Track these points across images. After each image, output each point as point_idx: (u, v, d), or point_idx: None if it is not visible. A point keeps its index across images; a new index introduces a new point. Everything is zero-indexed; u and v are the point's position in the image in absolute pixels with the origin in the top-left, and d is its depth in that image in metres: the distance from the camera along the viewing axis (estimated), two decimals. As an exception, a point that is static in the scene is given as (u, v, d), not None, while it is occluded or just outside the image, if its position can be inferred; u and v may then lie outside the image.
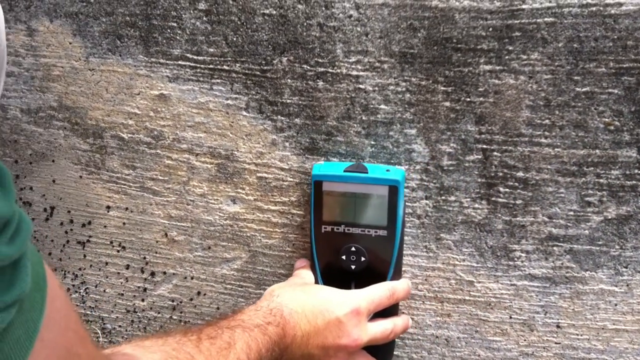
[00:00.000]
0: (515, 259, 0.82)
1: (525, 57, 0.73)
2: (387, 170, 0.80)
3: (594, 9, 0.71)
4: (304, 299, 0.76)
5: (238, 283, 0.92)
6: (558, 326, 0.83)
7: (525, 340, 0.85)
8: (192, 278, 0.94)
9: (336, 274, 0.82)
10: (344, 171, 0.79)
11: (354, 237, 0.81)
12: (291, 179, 0.85)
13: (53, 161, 0.92)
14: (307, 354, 0.75)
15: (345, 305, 0.76)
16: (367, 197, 0.79)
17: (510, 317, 0.84)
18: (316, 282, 0.84)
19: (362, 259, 0.81)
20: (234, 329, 0.69)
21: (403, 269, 0.84)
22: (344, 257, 0.82)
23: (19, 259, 0.38)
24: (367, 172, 0.79)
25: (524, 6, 0.71)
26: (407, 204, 0.83)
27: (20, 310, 0.37)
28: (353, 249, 0.81)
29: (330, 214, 0.81)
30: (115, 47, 0.85)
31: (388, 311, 0.81)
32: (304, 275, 0.85)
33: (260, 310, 0.73)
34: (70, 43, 0.86)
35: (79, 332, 0.44)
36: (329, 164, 0.83)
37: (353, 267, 0.81)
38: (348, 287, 0.81)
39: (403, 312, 0.87)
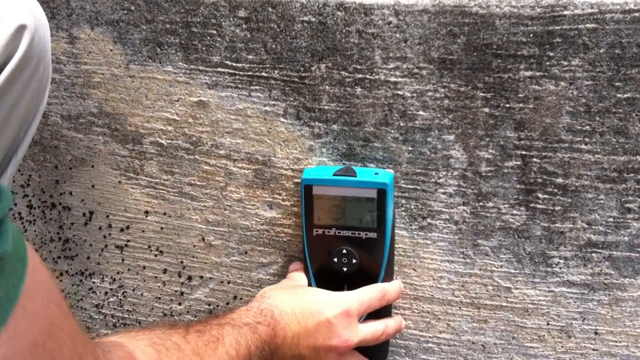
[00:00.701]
0: (554, 265, 0.82)
1: (566, 63, 0.73)
2: (376, 174, 0.81)
3: (637, 14, 0.70)
4: (295, 301, 0.78)
5: (274, 288, 0.93)
6: (596, 333, 0.83)
7: (562, 346, 0.84)
8: (228, 282, 0.94)
9: (328, 276, 0.84)
10: (333, 175, 0.81)
11: (345, 240, 0.82)
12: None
13: (92, 166, 0.93)
14: (298, 354, 0.77)
15: (335, 306, 0.77)
16: (356, 200, 0.81)
17: (548, 324, 0.84)
18: (309, 284, 0.85)
19: (354, 261, 0.83)
20: (223, 326, 0.70)
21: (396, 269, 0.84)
22: (335, 260, 0.83)
23: (0, 222, 0.39)
24: (355, 176, 0.80)
25: (565, 12, 0.71)
26: (443, 209, 0.83)
27: (1, 272, 0.38)
28: (344, 251, 0.82)
29: (320, 217, 0.83)
30: (155, 55, 0.86)
31: (380, 312, 0.82)
32: (297, 277, 0.86)
33: (250, 310, 0.75)
34: (110, 50, 0.87)
35: (62, 307, 0.45)
36: (319, 168, 0.84)
37: (345, 269, 0.83)
38: (340, 289, 0.82)
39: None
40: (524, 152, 0.78)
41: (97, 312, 1.01)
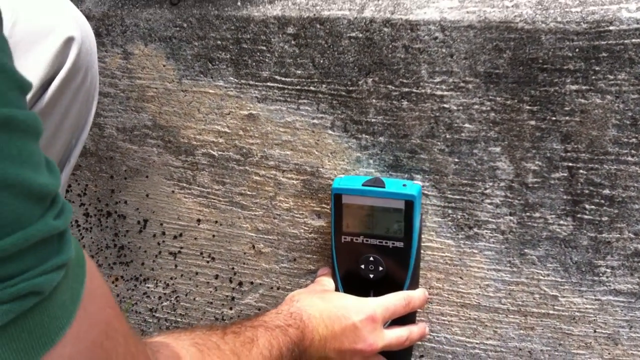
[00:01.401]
0: (600, 274, 0.82)
1: (612, 77, 0.73)
2: (404, 185, 0.82)
3: (684, 29, 0.70)
4: (322, 305, 0.80)
5: (322, 293, 0.95)
6: (643, 341, 0.84)
7: (609, 353, 0.85)
8: (277, 288, 0.97)
9: (355, 282, 0.86)
10: (362, 185, 0.83)
11: (373, 248, 0.85)
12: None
13: (147, 177, 0.97)
14: (325, 357, 0.79)
15: (361, 311, 0.80)
16: (384, 210, 0.83)
17: (595, 331, 0.85)
18: (336, 289, 0.88)
19: (380, 268, 0.85)
20: (257, 328, 0.73)
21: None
22: (362, 266, 0.85)
23: (64, 233, 0.42)
24: (384, 187, 0.82)
25: (611, 27, 0.71)
26: (490, 219, 0.84)
27: (65, 277, 0.41)
28: (371, 258, 0.85)
29: (349, 225, 0.85)
30: (207, 70, 0.88)
31: (405, 319, 0.84)
32: (325, 282, 0.88)
33: (281, 314, 0.77)
34: (164, 65, 0.90)
35: (116, 309, 0.48)
36: (349, 178, 0.86)
37: (371, 275, 0.85)
38: (367, 295, 0.84)
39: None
40: (570, 164, 0.78)
41: (151, 316, 1.05)
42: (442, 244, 0.87)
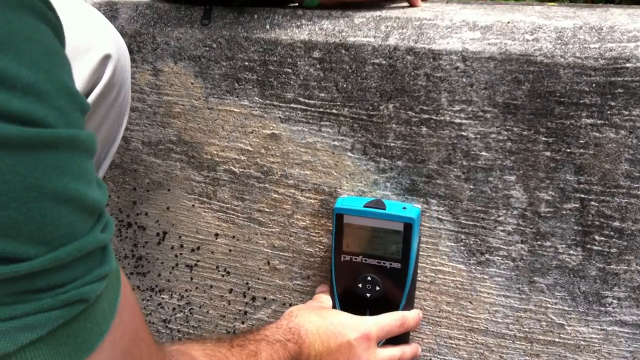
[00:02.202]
0: (607, 304, 0.84)
1: (627, 112, 0.76)
2: (404, 208, 0.85)
3: (697, 70, 0.73)
4: (320, 321, 0.83)
5: (333, 312, 0.97)
6: (648, 373, 0.85)
7: (614, 384, 0.87)
8: (290, 305, 0.99)
9: (352, 300, 0.89)
10: (364, 206, 0.85)
11: (371, 267, 0.87)
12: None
13: (169, 190, 0.99)
14: None
15: (357, 329, 0.82)
16: (384, 231, 0.85)
17: (600, 361, 0.87)
18: (334, 306, 0.90)
19: (377, 288, 0.87)
20: (259, 342, 0.75)
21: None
22: (360, 285, 0.88)
23: (107, 246, 0.46)
24: (384, 209, 0.84)
25: (627, 65, 0.74)
26: (502, 246, 0.86)
27: (106, 287, 0.45)
28: (369, 278, 0.87)
29: (349, 244, 0.87)
30: (233, 89, 0.91)
31: (399, 339, 0.87)
32: (323, 299, 0.91)
33: (280, 328, 0.80)
34: (192, 83, 0.93)
35: (142, 318, 0.51)
36: (351, 198, 0.88)
37: (368, 294, 0.88)
38: (363, 313, 0.87)
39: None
40: (582, 195, 0.81)
41: (164, 327, 1.07)
42: (454, 269, 0.89)
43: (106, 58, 0.74)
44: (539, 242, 0.84)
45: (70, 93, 0.42)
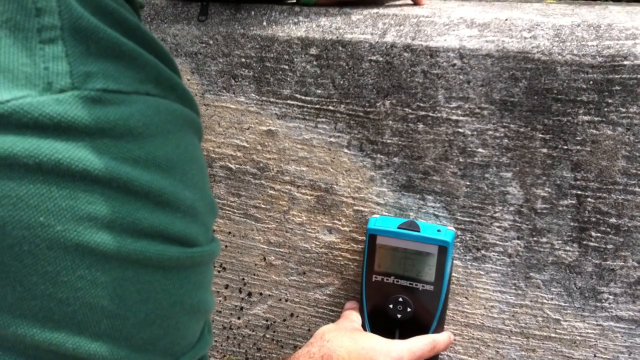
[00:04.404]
0: (603, 300, 0.85)
1: (624, 110, 0.76)
2: (438, 231, 0.84)
3: (694, 68, 0.73)
4: (351, 346, 0.81)
5: (330, 307, 0.97)
6: (642, 367, 0.86)
7: (609, 379, 0.87)
8: (286, 300, 0.99)
9: (382, 321, 0.88)
10: (398, 227, 0.85)
11: (402, 289, 0.86)
12: (386, 214, 0.90)
13: (164, 186, 0.99)
14: None
15: (388, 355, 0.80)
16: (418, 253, 0.85)
17: (595, 356, 0.87)
18: (363, 325, 0.89)
19: (408, 309, 0.86)
20: None
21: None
22: (391, 306, 0.87)
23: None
24: (419, 231, 0.84)
25: (625, 62, 0.74)
26: (498, 242, 0.86)
27: None
28: (400, 299, 0.86)
29: (381, 265, 0.87)
30: (229, 86, 0.91)
31: None
32: (354, 317, 0.90)
33: (313, 358, 0.79)
34: (188, 80, 0.93)
35: None
36: (384, 219, 0.88)
37: (399, 316, 0.87)
38: (392, 335, 0.86)
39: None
40: (579, 192, 0.81)
41: (160, 323, 1.06)
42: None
43: None
44: (535, 238, 0.85)
45: (212, 206, 0.44)
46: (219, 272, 1.01)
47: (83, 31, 0.36)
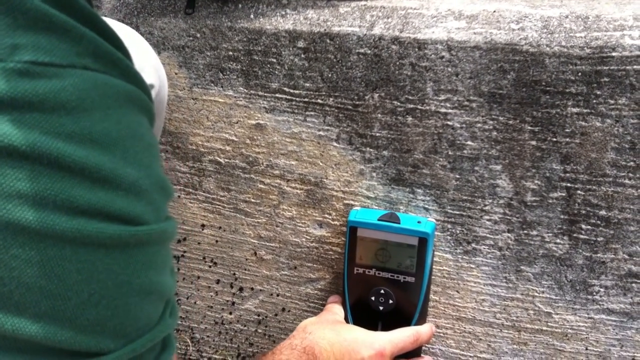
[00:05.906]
0: (594, 293, 0.84)
1: (612, 101, 0.76)
2: (419, 222, 0.84)
3: (683, 58, 0.73)
4: (334, 338, 0.81)
5: (321, 302, 0.97)
6: (633, 359, 0.85)
7: (600, 372, 0.87)
8: (277, 295, 0.99)
9: (365, 313, 0.88)
10: (378, 220, 0.84)
11: (384, 281, 0.86)
12: (376, 207, 0.89)
13: (154, 181, 0.99)
14: None
15: (371, 347, 0.80)
16: (398, 245, 0.84)
17: (587, 349, 0.87)
18: (346, 318, 0.89)
19: (390, 301, 0.86)
20: None
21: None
22: (373, 298, 0.87)
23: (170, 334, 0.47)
24: (399, 223, 0.84)
25: (613, 54, 0.74)
26: (488, 235, 0.86)
27: None
28: (382, 291, 0.86)
29: (362, 257, 0.86)
30: (217, 79, 0.90)
31: (411, 353, 0.85)
32: (336, 310, 0.90)
33: (295, 349, 0.79)
34: (175, 73, 0.92)
35: None
36: (365, 211, 0.88)
37: (381, 308, 0.87)
38: (375, 327, 0.86)
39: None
40: (569, 184, 0.81)
41: (152, 318, 1.06)
42: (441, 258, 0.88)
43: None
44: (525, 231, 0.84)
45: (163, 186, 0.43)
46: (209, 267, 1.01)
47: (8, 2, 0.35)
